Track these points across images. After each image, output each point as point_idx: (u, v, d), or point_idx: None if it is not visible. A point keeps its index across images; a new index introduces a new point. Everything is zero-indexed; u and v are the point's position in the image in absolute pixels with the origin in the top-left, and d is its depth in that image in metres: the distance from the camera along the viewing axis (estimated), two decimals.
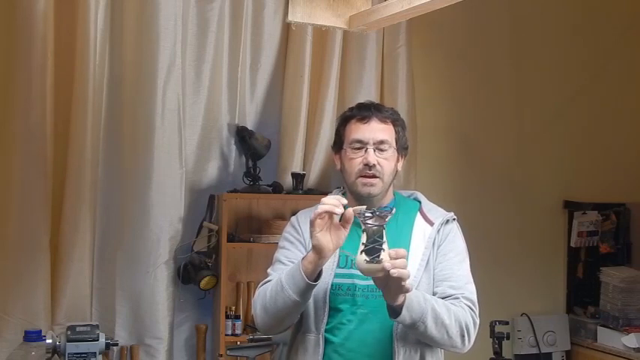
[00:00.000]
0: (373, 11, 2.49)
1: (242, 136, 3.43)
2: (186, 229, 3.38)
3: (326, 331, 2.06)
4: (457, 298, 2.04)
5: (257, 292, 2.10)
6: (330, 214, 1.90)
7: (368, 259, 1.82)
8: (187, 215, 3.39)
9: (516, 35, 4.12)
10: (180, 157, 3.34)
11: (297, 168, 3.53)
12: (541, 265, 4.12)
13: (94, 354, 2.70)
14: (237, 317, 3.36)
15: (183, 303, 3.41)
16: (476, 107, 4.02)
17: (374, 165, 2.07)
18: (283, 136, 3.59)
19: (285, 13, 2.66)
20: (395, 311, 1.90)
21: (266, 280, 2.10)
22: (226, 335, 3.31)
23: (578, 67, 4.21)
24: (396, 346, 2.02)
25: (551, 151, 4.17)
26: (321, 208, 1.91)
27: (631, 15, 4.28)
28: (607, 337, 3.88)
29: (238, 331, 3.33)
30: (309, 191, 3.50)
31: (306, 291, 1.96)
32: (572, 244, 4.15)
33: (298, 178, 3.48)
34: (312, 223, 1.91)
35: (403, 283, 1.83)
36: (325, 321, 2.06)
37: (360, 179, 2.09)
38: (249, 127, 3.49)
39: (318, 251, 1.91)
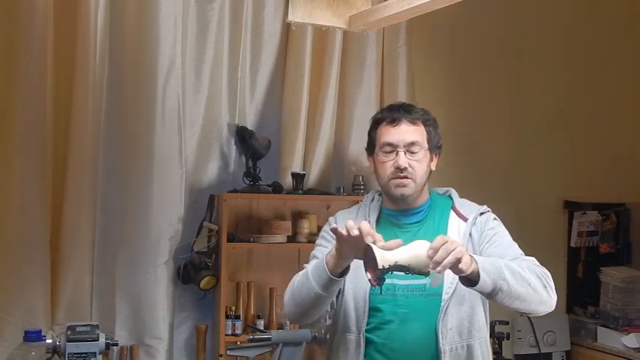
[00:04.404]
0: (373, 11, 2.49)
1: (242, 136, 3.43)
2: (186, 229, 3.38)
3: (367, 331, 2.07)
4: (517, 258, 2.05)
5: (291, 281, 2.10)
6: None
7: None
8: (187, 215, 3.39)
9: (516, 35, 4.11)
10: (180, 157, 3.34)
11: (297, 168, 3.53)
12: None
13: (94, 354, 2.69)
14: (237, 317, 3.35)
15: (183, 303, 3.41)
16: (476, 107, 4.02)
17: (405, 168, 2.09)
18: (283, 136, 3.58)
19: (285, 13, 2.66)
20: (471, 281, 1.87)
21: (301, 272, 2.09)
22: (226, 335, 3.31)
23: (578, 67, 4.21)
24: (442, 345, 2.02)
25: (551, 150, 4.16)
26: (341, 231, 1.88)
27: (631, 15, 4.28)
28: (607, 337, 3.88)
29: (238, 331, 3.33)
30: (309, 191, 3.50)
31: (328, 284, 1.95)
32: (572, 244, 4.15)
33: (298, 178, 3.48)
34: (334, 232, 1.90)
35: (461, 266, 1.81)
36: (366, 321, 2.07)
37: (393, 181, 2.11)
38: (249, 127, 3.49)
39: (338, 252, 1.91)
